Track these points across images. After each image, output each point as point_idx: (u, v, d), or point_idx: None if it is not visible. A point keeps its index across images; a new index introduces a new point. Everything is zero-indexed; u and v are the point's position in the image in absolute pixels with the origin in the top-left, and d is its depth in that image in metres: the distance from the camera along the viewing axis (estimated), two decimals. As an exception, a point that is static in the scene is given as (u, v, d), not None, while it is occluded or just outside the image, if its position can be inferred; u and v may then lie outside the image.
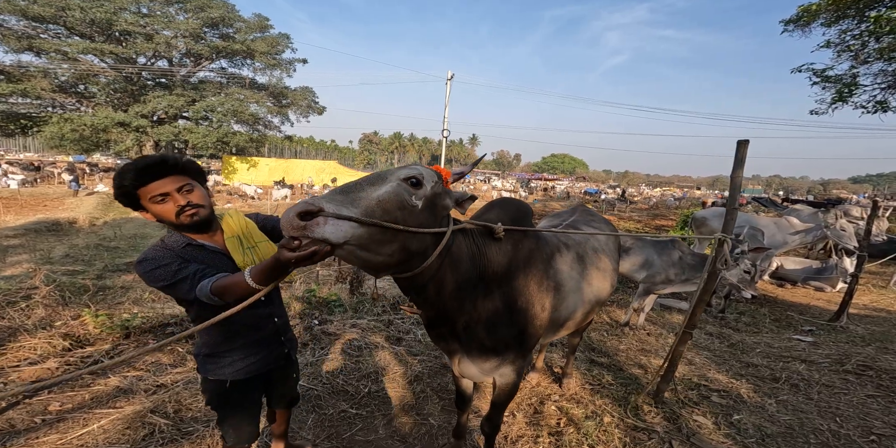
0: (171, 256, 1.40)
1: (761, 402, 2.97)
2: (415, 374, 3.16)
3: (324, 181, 30.01)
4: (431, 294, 1.44)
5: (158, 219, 1.41)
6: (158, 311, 4.21)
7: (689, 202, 27.82)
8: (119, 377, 2.98)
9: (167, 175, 1.37)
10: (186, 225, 1.42)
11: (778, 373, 3.44)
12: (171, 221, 1.40)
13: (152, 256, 1.38)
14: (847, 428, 2.66)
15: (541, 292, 1.80)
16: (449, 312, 1.54)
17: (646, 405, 2.82)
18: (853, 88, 11.70)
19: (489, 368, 1.78)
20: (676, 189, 62.17)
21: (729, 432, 2.57)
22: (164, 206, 1.38)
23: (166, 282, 1.34)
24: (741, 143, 2.61)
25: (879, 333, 4.71)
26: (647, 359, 3.63)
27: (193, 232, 1.49)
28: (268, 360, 1.69)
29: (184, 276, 1.35)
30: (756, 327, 4.80)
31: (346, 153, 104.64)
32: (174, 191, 1.38)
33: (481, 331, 1.63)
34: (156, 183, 1.35)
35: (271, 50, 28.98)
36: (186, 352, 3.43)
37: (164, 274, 1.35)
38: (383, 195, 1.14)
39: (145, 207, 1.39)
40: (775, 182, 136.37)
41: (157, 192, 1.35)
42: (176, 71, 28.19)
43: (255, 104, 28.48)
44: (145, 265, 1.37)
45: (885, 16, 9.27)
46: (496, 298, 1.62)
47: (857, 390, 3.19)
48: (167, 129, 25.76)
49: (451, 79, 13.54)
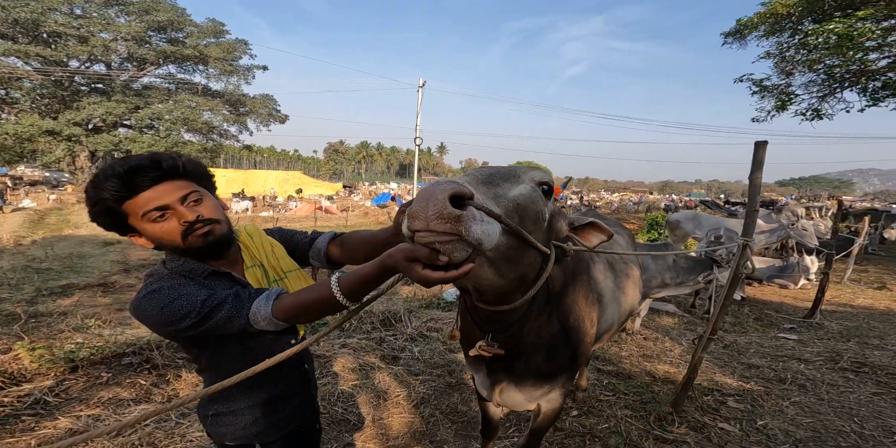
0: (191, 283, 1.03)
1: (777, 405, 2.91)
2: (420, 396, 2.87)
3: (288, 192, 28.93)
4: (515, 330, 1.21)
5: (158, 244, 1.04)
6: (109, 340, 3.67)
7: (647, 206, 29.10)
8: (70, 418, 2.50)
9: (163, 181, 1.01)
10: (198, 248, 1.05)
11: (781, 373, 3.43)
12: (176, 246, 1.04)
13: (164, 286, 0.99)
14: (868, 428, 2.63)
15: (589, 306, 1.62)
16: (523, 345, 1.31)
17: (668, 415, 2.69)
18: (792, 97, 12.60)
19: (538, 395, 1.56)
20: (632, 194, 64.98)
21: (759, 439, 2.48)
22: (165, 225, 1.01)
23: (195, 316, 0.95)
24: (759, 145, 2.55)
25: (853, 328, 4.89)
26: (651, 365, 3.52)
27: (207, 257, 1.10)
28: (297, 413, 1.31)
29: (218, 301, 0.96)
30: (742, 327, 4.86)
31: (311, 163, 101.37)
32: (177, 202, 1.01)
33: (540, 357, 1.41)
34: (149, 193, 0.99)
35: (227, 56, 27.86)
36: (151, 384, 2.97)
37: (189, 305, 0.95)
38: (521, 199, 0.90)
39: (136, 228, 1.02)
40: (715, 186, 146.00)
41: (153, 206, 0.98)
42: (115, 75, 26.39)
43: (209, 112, 27.16)
44: (157, 299, 0.96)
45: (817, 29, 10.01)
46: (554, 319, 1.41)
47: (861, 388, 3.22)
48: (105, 138, 23.98)
49: (422, 86, 13.36)
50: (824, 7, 10.20)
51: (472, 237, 0.66)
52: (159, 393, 2.85)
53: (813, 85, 12.96)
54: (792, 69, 12.34)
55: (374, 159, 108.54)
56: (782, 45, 12.09)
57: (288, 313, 0.94)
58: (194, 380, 3.00)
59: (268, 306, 0.94)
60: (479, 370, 1.57)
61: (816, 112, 13.14)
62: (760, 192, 2.67)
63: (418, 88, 13.37)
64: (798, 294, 6.78)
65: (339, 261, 1.31)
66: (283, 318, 0.94)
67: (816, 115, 13.19)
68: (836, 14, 10.17)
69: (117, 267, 9.11)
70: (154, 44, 26.15)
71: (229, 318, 0.96)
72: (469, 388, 3.00)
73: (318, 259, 1.32)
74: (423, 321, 4.14)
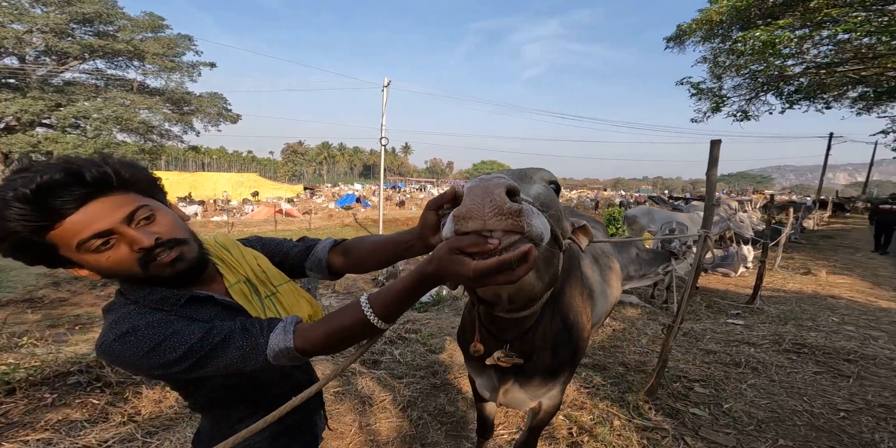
0: (173, 317, 0.84)
1: (737, 388, 3.15)
2: (406, 399, 2.85)
3: (242, 195, 27.54)
4: (531, 335, 1.22)
5: (106, 275, 0.85)
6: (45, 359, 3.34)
7: (601, 202, 30.69)
8: (16, 444, 2.27)
9: (94, 198, 0.78)
10: (168, 277, 0.87)
11: (736, 357, 3.71)
12: (135, 276, 0.85)
13: (140, 325, 0.79)
14: (817, 406, 2.90)
15: (584, 302, 1.68)
16: (534, 348, 1.32)
17: (644, 403, 2.84)
18: (724, 100, 13.66)
19: (542, 393, 1.59)
20: (589, 191, 67.55)
21: (727, 422, 2.67)
22: (113, 255, 0.80)
23: (194, 358, 0.78)
24: (714, 143, 2.75)
25: (788, 312, 5.37)
26: (623, 355, 3.70)
27: (180, 284, 0.91)
28: (312, 442, 1.20)
29: (222, 337, 0.80)
30: (696, 315, 5.21)
31: (267, 165, 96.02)
32: (121, 224, 0.79)
33: (547, 357, 1.43)
34: (77, 216, 0.76)
35: (168, 52, 26.04)
36: (106, 403, 2.74)
37: (184, 345, 0.78)
38: (543, 197, 0.88)
39: (72, 261, 0.81)
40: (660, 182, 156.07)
41: (89, 234, 0.76)
42: (31, 70, 23.95)
43: (147, 110, 25.26)
44: (136, 342, 0.78)
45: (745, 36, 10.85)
46: (557, 318, 1.44)
47: (804, 368, 3.55)
48: (20, 138, 21.73)
49: (387, 86, 13.12)
50: (751, 15, 11.10)
51: (534, 233, 0.60)
52: (118, 412, 2.64)
53: (741, 88, 14.13)
54: (722, 73, 13.36)
55: (337, 160, 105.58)
56: (715, 51, 13.05)
57: (315, 344, 0.80)
58: (156, 396, 2.80)
59: (288, 339, 0.79)
60: (484, 374, 1.58)
61: (745, 113, 14.34)
62: (715, 187, 2.87)
63: (383, 88, 13.15)
64: (739, 281, 7.36)
65: (343, 270, 1.16)
66: (308, 351, 0.80)
67: (745, 117, 14.39)
68: (759, 22, 11.09)
69: (44, 280, 8.36)
70: (78, 37, 23.97)
71: (243, 358, 0.80)
72: (455, 387, 3.01)
73: (317, 270, 1.15)
74: (400, 323, 4.11)
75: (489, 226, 0.57)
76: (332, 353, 0.85)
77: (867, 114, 16.64)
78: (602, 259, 2.24)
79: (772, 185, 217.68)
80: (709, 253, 2.68)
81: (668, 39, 14.02)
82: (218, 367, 0.80)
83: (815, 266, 8.67)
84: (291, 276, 1.17)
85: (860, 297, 6.30)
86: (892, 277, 7.73)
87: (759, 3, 10.45)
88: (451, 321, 4.34)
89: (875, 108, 16.48)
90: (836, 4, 9.92)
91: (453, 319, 4.42)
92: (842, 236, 14.48)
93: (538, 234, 0.61)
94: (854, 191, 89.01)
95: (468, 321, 1.50)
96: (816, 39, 11.32)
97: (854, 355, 3.81)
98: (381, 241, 1.09)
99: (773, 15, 10.92)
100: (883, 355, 3.83)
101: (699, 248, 2.78)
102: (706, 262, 8.10)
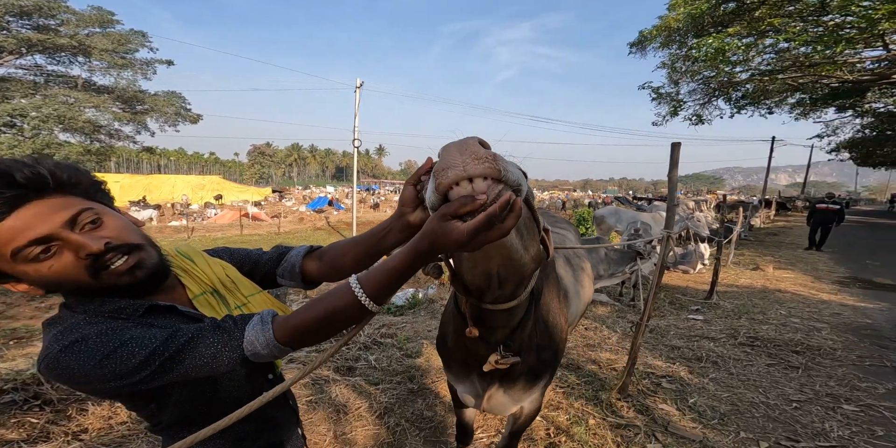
0: (128, 325, 0.77)
1: (700, 382, 3.31)
2: (382, 406, 2.81)
3: (204, 199, 26.30)
4: (518, 334, 1.23)
5: (49, 288, 0.77)
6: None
7: (572, 202, 31.58)
8: None
9: (27, 202, 0.70)
10: (125, 287, 0.79)
11: (697, 352, 3.90)
12: (85, 286, 0.77)
13: (90, 334, 0.71)
14: (772, 397, 3.09)
15: (560, 303, 1.71)
16: (521, 349, 1.32)
17: (617, 401, 2.93)
18: (682, 104, 14.35)
19: (524, 397, 1.61)
20: (559, 192, 69.01)
21: (693, 416, 2.79)
22: (56, 264, 0.72)
23: (156, 363, 0.70)
24: (674, 146, 2.86)
25: (741, 306, 5.69)
26: (595, 353, 3.80)
27: (140, 294, 0.84)
28: None
29: (188, 336, 0.73)
30: (661, 311, 5.42)
31: (232, 167, 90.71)
32: (62, 229, 0.72)
33: (531, 359, 1.44)
34: (10, 221, 0.68)
35: (118, 48, 24.60)
36: (46, 422, 2.55)
37: (143, 350, 0.70)
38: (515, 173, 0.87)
39: (7, 274, 0.74)
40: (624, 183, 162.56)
41: (26, 240, 0.69)
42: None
43: (93, 109, 23.76)
44: (86, 352, 0.69)
45: (699, 43, 11.44)
46: (538, 319, 1.45)
47: (758, 360, 3.77)
48: (-55, 139, 20.01)
49: (360, 87, 12.85)
50: (704, 23, 11.70)
51: (511, 178, 0.61)
52: (60, 431, 2.47)
53: (696, 93, 14.90)
54: (679, 79, 14.04)
55: (308, 162, 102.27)
56: (673, 57, 13.69)
57: (296, 332, 0.74)
58: (105, 413, 2.65)
59: (267, 330, 0.74)
60: (467, 380, 1.58)
61: (699, 118, 15.12)
62: (676, 188, 3.00)
63: (356, 89, 12.90)
64: (697, 277, 7.73)
65: (318, 277, 1.09)
66: (289, 340, 0.74)
67: (699, 121, 15.17)
68: (712, 30, 11.73)
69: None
70: (14, 31, 22.26)
71: (215, 356, 0.73)
72: (433, 392, 3.00)
73: (290, 277, 1.08)
74: (375, 328, 4.05)
75: (468, 171, 0.58)
76: (316, 342, 0.79)
77: (804, 119, 17.97)
78: (574, 260, 2.30)
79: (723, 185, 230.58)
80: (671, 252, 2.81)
81: (632, 45, 14.61)
82: (187, 371, 0.72)
83: (762, 262, 9.21)
84: (263, 286, 1.09)
85: (804, 290, 6.76)
86: (831, 271, 8.34)
87: (712, 11, 11.03)
88: (428, 324, 4.33)
89: (811, 114, 17.82)
90: (778, 14, 10.62)
91: (430, 323, 4.40)
92: (784, 233, 15.48)
93: (515, 180, 0.62)
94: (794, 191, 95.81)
95: (451, 323, 1.49)
96: (760, 47, 12.10)
97: (801, 347, 4.08)
98: (358, 238, 1.04)
99: (723, 23, 11.57)
100: (826, 346, 4.13)
101: (663, 248, 2.90)
102: (668, 261, 8.47)
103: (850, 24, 8.97)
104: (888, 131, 18.72)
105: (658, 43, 13.58)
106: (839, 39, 9.10)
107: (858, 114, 18.50)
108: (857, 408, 2.98)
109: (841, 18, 9.37)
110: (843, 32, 9.47)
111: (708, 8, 10.75)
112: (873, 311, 5.59)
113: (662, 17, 12.81)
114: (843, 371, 3.59)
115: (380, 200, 30.88)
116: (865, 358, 3.88)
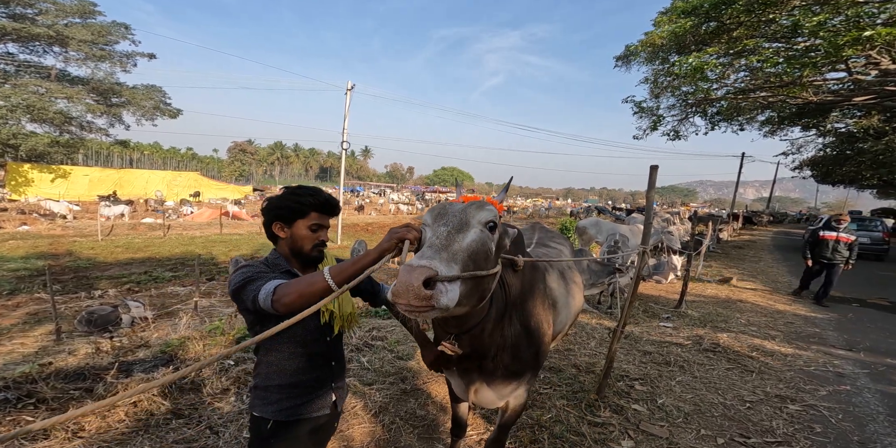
0: (269, 273, 1.35)
1: (668, 385, 3.61)
2: (377, 405, 2.99)
3: (180, 195, 25.55)
4: (477, 331, 1.47)
5: (291, 239, 1.47)
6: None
7: (557, 211, 32.35)
8: None
9: (317, 211, 1.49)
10: (308, 255, 1.50)
11: (667, 357, 4.22)
12: (300, 248, 1.48)
13: (251, 265, 1.39)
14: (729, 398, 3.42)
15: (545, 311, 1.95)
16: (485, 345, 1.56)
17: (595, 401, 3.19)
18: (661, 119, 14.93)
19: (508, 392, 1.84)
20: (543, 200, 69.94)
21: (661, 416, 3.08)
22: (312, 235, 1.47)
23: (240, 283, 1.28)
24: (653, 169, 3.15)
25: (707, 315, 6.09)
26: (575, 357, 4.07)
27: (306, 264, 1.52)
28: (314, 406, 1.49)
29: (254, 279, 1.29)
30: (635, 319, 5.75)
31: (211, 163, 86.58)
32: (321, 224, 1.51)
33: (507, 357, 1.68)
34: (318, 217, 1.49)
35: (98, 39, 23.84)
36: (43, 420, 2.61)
37: (245, 277, 1.30)
38: (472, 245, 1.16)
39: (294, 223, 1.46)
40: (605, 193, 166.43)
41: (314, 222, 1.48)
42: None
43: (65, 100, 22.92)
44: (241, 272, 1.34)
45: (680, 60, 11.97)
46: (516, 323, 1.70)
47: (718, 365, 4.11)
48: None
49: (351, 89, 12.85)
50: (686, 41, 12.27)
51: (440, 306, 0.98)
52: (59, 427, 2.54)
53: (674, 109, 15.53)
54: (660, 93, 14.63)
55: (291, 161, 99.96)
56: (656, 72, 14.25)
57: (283, 297, 1.16)
58: (102, 411, 2.73)
59: (268, 291, 1.18)
60: (454, 374, 1.83)
61: (676, 133, 15.76)
62: (653, 207, 3.30)
63: (346, 91, 12.91)
64: (669, 287, 8.15)
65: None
66: (280, 302, 1.16)
67: (676, 136, 15.81)
68: (693, 48, 12.31)
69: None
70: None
71: (251, 292, 1.24)
72: (424, 392, 3.20)
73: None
74: (365, 331, 4.22)
75: (412, 303, 0.96)
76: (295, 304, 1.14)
77: (772, 137, 18.93)
78: (567, 273, 2.54)
79: (696, 198, 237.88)
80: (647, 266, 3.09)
81: (618, 58, 15.12)
82: (245, 296, 1.26)
83: (728, 273, 9.75)
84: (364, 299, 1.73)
85: (762, 301, 7.25)
86: (789, 284, 8.92)
87: (694, 30, 11.59)
88: (414, 328, 4.50)
89: (778, 132, 18.78)
90: (753, 35, 11.26)
91: (416, 326, 4.58)
92: (748, 247, 16.31)
93: (444, 306, 0.99)
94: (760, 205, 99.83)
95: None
96: (736, 66, 12.76)
97: (757, 352, 4.47)
98: None
99: (704, 42, 12.16)
100: (779, 352, 4.53)
101: (639, 262, 3.19)
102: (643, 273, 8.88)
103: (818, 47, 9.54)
104: (847, 151, 19.88)
105: (643, 58, 14.11)
106: (807, 63, 9.71)
107: (821, 133, 19.61)
108: (801, 407, 3.34)
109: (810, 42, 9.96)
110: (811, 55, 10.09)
111: (691, 27, 11.28)
112: (821, 320, 6.10)
113: (648, 33, 13.33)
114: (791, 375, 3.97)
115: (364, 202, 30.74)
116: (811, 363, 4.30)
